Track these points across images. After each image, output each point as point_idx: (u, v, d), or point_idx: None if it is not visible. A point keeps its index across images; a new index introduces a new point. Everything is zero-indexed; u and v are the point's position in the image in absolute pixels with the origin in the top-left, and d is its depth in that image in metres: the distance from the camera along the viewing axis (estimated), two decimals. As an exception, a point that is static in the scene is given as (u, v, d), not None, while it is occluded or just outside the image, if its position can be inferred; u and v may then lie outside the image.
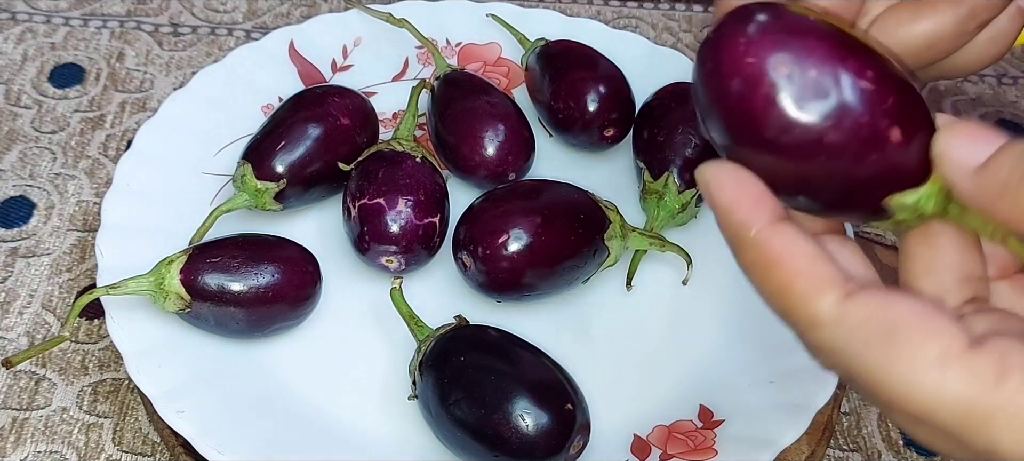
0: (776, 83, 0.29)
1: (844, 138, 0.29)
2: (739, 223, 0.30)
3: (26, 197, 0.55)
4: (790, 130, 0.29)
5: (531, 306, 0.48)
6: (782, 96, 0.29)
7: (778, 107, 0.29)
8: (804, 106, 0.29)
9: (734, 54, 0.29)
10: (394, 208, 0.47)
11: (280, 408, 0.44)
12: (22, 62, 0.62)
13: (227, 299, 0.44)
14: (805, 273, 0.29)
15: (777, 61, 0.29)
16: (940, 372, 0.27)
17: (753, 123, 0.29)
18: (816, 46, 0.29)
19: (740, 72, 0.29)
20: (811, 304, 0.29)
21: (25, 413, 0.47)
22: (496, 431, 0.41)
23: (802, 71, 0.29)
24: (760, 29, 0.29)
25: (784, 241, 0.30)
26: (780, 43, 0.29)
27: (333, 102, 0.51)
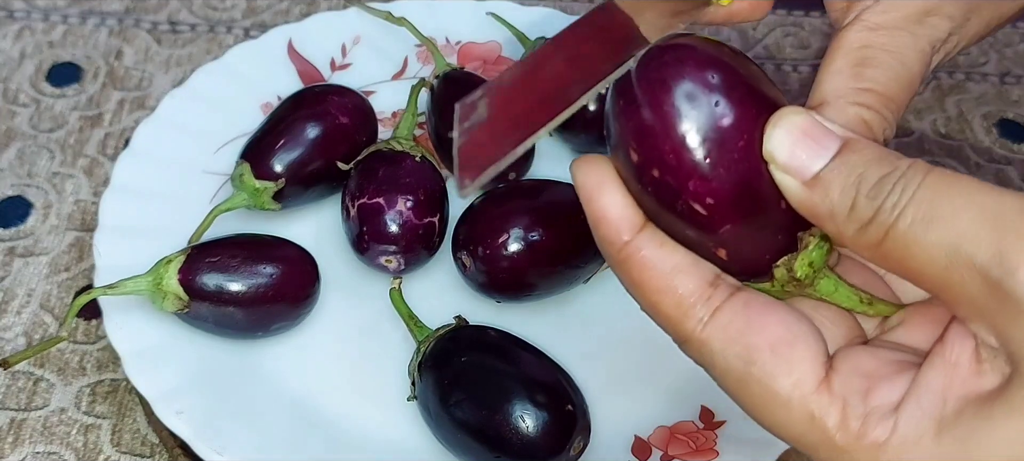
0: (682, 116, 0.28)
1: (735, 190, 0.28)
2: (603, 239, 0.30)
3: (24, 196, 0.55)
4: (678, 173, 0.28)
5: (531, 306, 0.48)
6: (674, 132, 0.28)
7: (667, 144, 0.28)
8: (703, 144, 0.28)
9: (639, 94, 0.29)
10: (393, 208, 0.46)
11: (278, 409, 0.44)
12: (20, 60, 0.62)
13: (226, 299, 0.44)
14: (668, 291, 0.29)
15: (673, 105, 0.28)
16: (787, 411, 0.28)
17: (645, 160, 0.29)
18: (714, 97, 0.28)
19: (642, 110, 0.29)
20: (678, 325, 0.30)
21: (23, 414, 0.47)
22: (496, 432, 0.41)
23: (712, 112, 0.28)
24: (665, 69, 0.29)
25: (643, 258, 0.29)
26: (695, 75, 0.28)
27: (332, 101, 0.50)
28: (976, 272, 0.25)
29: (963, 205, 0.26)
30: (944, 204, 0.26)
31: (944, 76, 0.67)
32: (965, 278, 0.26)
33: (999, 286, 0.25)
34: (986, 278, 0.25)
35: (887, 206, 0.26)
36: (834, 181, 0.27)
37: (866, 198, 0.27)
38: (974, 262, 0.25)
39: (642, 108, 0.29)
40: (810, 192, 0.28)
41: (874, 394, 0.28)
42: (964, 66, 0.67)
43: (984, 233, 0.25)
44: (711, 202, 0.28)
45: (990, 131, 0.63)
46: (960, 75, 0.67)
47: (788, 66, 0.66)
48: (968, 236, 0.25)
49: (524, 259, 0.46)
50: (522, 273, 0.46)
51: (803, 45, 0.67)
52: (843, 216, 0.27)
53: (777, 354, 0.28)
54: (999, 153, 0.62)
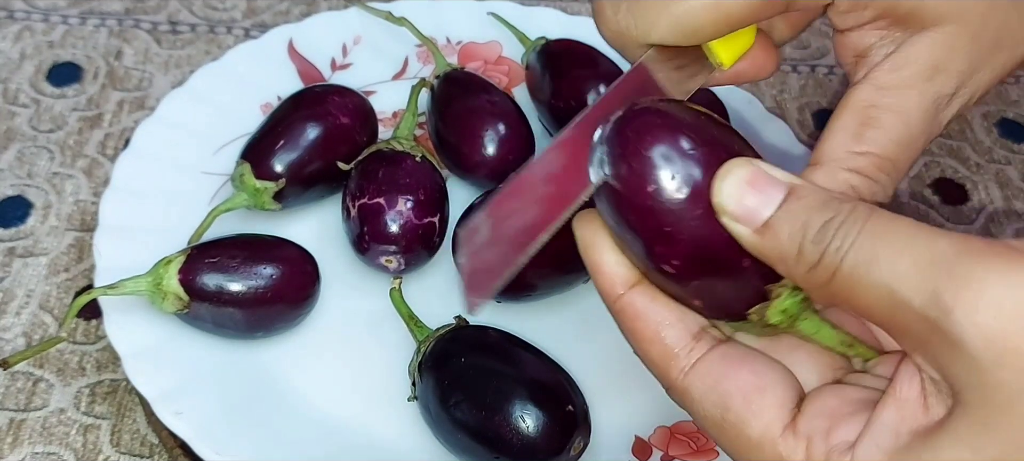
0: (645, 184, 0.30)
1: (696, 252, 0.30)
2: (601, 291, 0.33)
3: (23, 196, 0.55)
4: (659, 224, 0.30)
5: (531, 306, 0.48)
6: (653, 191, 0.30)
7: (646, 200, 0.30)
8: (664, 211, 0.30)
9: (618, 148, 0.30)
10: (394, 208, 0.46)
11: (278, 410, 0.44)
12: (20, 60, 0.62)
13: (226, 299, 0.44)
14: (656, 341, 0.32)
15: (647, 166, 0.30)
16: (759, 453, 0.30)
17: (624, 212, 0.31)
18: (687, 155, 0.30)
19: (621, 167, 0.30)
20: (663, 373, 0.32)
21: (23, 414, 0.46)
22: (497, 432, 0.41)
23: (670, 182, 0.30)
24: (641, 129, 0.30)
25: (635, 311, 0.32)
26: (654, 143, 0.30)
27: (332, 101, 0.50)
28: (914, 312, 0.27)
29: (903, 248, 0.27)
30: (882, 248, 0.27)
31: (944, 76, 0.67)
32: (905, 317, 0.27)
33: (937, 326, 0.26)
34: (924, 318, 0.27)
35: (831, 250, 0.28)
36: (782, 228, 0.29)
37: (811, 243, 0.28)
38: (912, 304, 0.27)
39: (608, 177, 0.30)
40: (761, 239, 0.29)
41: (835, 433, 0.29)
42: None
43: (921, 276, 0.27)
44: (677, 263, 0.31)
45: (990, 131, 0.63)
46: (960, 75, 0.67)
47: (787, 66, 0.66)
48: (907, 279, 0.27)
49: (524, 259, 0.46)
50: (522, 273, 0.46)
51: (802, 45, 0.67)
52: (792, 260, 0.29)
53: (748, 401, 0.31)
54: (999, 153, 0.62)
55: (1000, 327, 0.26)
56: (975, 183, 0.60)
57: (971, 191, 0.60)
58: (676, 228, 0.30)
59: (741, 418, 0.31)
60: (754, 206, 0.29)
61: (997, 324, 0.26)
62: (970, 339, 0.26)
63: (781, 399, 0.31)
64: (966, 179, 0.60)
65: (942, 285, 0.26)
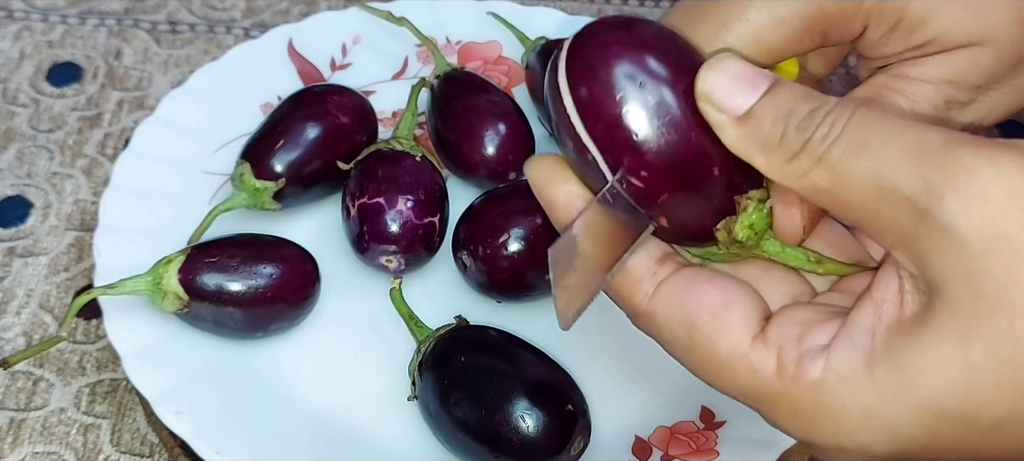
0: (612, 95, 0.30)
1: (666, 161, 0.30)
2: (557, 223, 0.33)
3: (23, 196, 0.55)
4: (619, 139, 0.30)
5: (531, 306, 0.48)
6: (617, 107, 0.30)
7: (609, 117, 0.30)
8: (633, 120, 0.30)
9: (580, 62, 0.30)
10: (394, 207, 0.46)
11: (278, 409, 0.44)
12: (19, 60, 0.62)
13: (225, 299, 0.44)
14: None
15: (614, 74, 0.30)
16: (730, 368, 0.30)
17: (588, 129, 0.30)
18: (656, 66, 0.30)
19: (583, 80, 0.30)
20: (627, 299, 0.32)
21: (23, 414, 0.46)
22: (497, 432, 0.41)
23: (638, 90, 0.30)
24: (603, 40, 0.30)
25: None
26: (619, 55, 0.30)
27: (332, 101, 0.50)
28: (903, 200, 0.26)
29: (891, 137, 0.27)
30: (873, 136, 0.27)
31: (944, 76, 0.67)
32: (893, 206, 0.27)
33: (926, 213, 0.26)
34: (913, 206, 0.26)
35: (817, 137, 0.28)
36: (765, 115, 0.29)
37: (795, 129, 0.28)
38: (902, 190, 0.26)
39: (572, 95, 0.30)
40: (742, 127, 0.29)
41: (807, 338, 0.29)
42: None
43: (912, 163, 0.26)
44: (645, 175, 0.30)
45: (990, 131, 0.63)
46: (960, 75, 0.67)
47: (788, 66, 0.66)
48: (897, 166, 0.27)
49: (524, 259, 0.46)
50: (522, 273, 0.46)
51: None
52: (773, 147, 0.28)
53: (714, 317, 0.30)
54: (999, 153, 0.62)
55: (990, 213, 0.25)
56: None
57: (971, 191, 0.60)
58: (644, 136, 0.30)
59: (708, 336, 0.30)
60: (738, 94, 0.29)
61: (987, 210, 0.26)
62: (961, 225, 0.26)
63: (748, 312, 0.30)
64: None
65: (933, 172, 0.26)
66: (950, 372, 0.27)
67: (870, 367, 0.28)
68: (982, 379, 0.26)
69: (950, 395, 0.27)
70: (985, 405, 0.27)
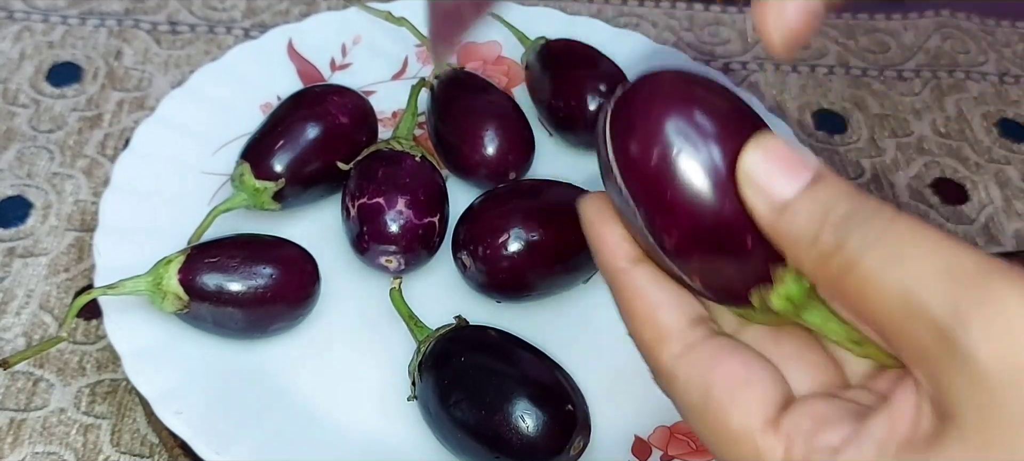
0: (649, 150, 0.29)
1: (696, 226, 0.30)
2: (602, 265, 0.33)
3: (23, 196, 0.55)
4: (663, 195, 0.30)
5: (531, 306, 0.48)
6: (664, 162, 0.29)
7: (656, 171, 0.29)
8: (667, 181, 0.29)
9: (632, 117, 0.30)
10: (393, 208, 0.46)
11: (278, 409, 0.44)
12: (20, 61, 0.62)
13: (225, 299, 0.44)
14: (649, 322, 0.32)
15: (666, 132, 0.29)
16: (737, 445, 0.30)
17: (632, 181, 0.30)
18: (706, 125, 0.29)
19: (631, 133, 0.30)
20: (653, 354, 0.32)
21: (23, 414, 0.46)
22: (496, 432, 0.40)
23: (676, 152, 0.29)
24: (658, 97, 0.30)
25: (635, 288, 0.32)
26: (663, 113, 0.29)
27: (332, 101, 0.50)
28: (930, 321, 0.26)
29: (926, 254, 0.27)
30: (909, 250, 0.27)
31: (944, 75, 0.67)
32: (918, 325, 0.26)
33: (949, 338, 0.26)
34: (938, 328, 0.26)
35: (852, 242, 0.27)
36: (802, 209, 0.28)
37: (831, 230, 0.28)
38: (930, 311, 0.26)
39: (613, 148, 0.30)
40: (778, 216, 0.29)
41: (818, 437, 0.29)
42: (964, 65, 0.67)
43: (943, 285, 0.26)
44: (676, 236, 0.30)
45: (990, 131, 0.63)
46: (960, 74, 0.67)
47: (787, 66, 0.66)
48: (928, 285, 0.26)
49: (524, 259, 0.46)
50: (522, 273, 0.46)
51: (803, 45, 0.67)
52: (806, 244, 0.28)
53: (732, 391, 0.30)
54: (999, 153, 0.62)
55: (1013, 346, 0.25)
56: (975, 183, 0.60)
57: (971, 191, 0.60)
58: (679, 199, 0.29)
59: (723, 408, 0.30)
60: (780, 181, 0.29)
61: (1010, 342, 0.25)
62: (982, 356, 0.25)
63: (767, 395, 0.30)
64: (966, 179, 0.60)
65: (963, 298, 0.26)
66: None
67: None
68: None
69: None
70: None
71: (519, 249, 0.46)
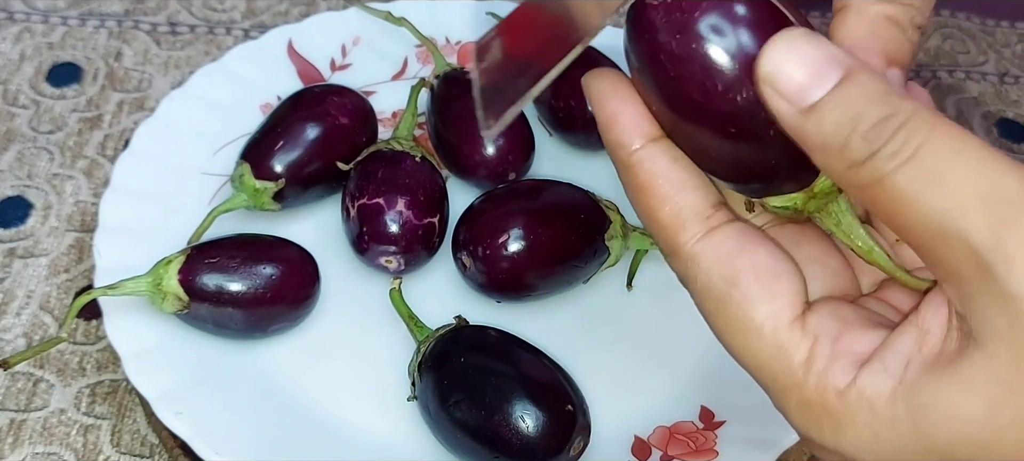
0: (690, 41, 0.28)
1: (731, 112, 0.28)
2: (615, 142, 0.30)
3: (23, 197, 0.55)
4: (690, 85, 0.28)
5: (531, 306, 0.48)
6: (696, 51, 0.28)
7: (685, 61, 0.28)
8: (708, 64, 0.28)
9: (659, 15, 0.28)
10: (393, 208, 0.46)
11: (278, 409, 0.44)
12: (20, 61, 0.62)
13: (225, 300, 0.44)
14: (670, 201, 0.30)
15: (698, 23, 0.28)
16: (758, 338, 0.28)
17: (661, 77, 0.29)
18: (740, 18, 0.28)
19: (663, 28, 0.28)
20: (671, 235, 0.30)
21: (23, 415, 0.46)
22: (496, 432, 0.41)
23: (718, 35, 0.28)
24: None
25: (654, 166, 0.30)
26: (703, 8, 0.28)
27: (332, 101, 0.50)
28: (968, 248, 0.25)
29: (965, 175, 0.25)
30: (949, 169, 0.25)
31: (944, 75, 0.67)
32: (953, 249, 0.25)
33: (988, 269, 0.24)
34: (977, 256, 0.25)
35: (885, 153, 0.25)
36: (829, 113, 0.26)
37: (862, 138, 0.26)
38: (968, 239, 0.25)
39: (666, 33, 0.28)
40: (804, 119, 0.26)
41: (844, 340, 0.28)
42: (964, 66, 0.67)
43: (983, 212, 0.24)
44: (704, 118, 0.29)
45: (990, 131, 0.63)
46: (960, 74, 0.67)
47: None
48: (966, 210, 0.25)
49: (524, 259, 0.46)
50: (522, 273, 0.46)
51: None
52: (834, 151, 0.26)
53: (760, 281, 0.29)
54: (999, 153, 0.62)
55: None
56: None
57: (971, 191, 0.60)
58: (709, 78, 0.28)
59: (748, 297, 0.28)
60: (803, 82, 0.26)
61: None
62: (1022, 293, 0.24)
63: (795, 288, 0.29)
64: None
65: (1006, 230, 0.24)
66: (971, 427, 0.25)
67: (894, 399, 0.27)
68: (1003, 444, 0.25)
69: (965, 448, 0.26)
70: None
71: (519, 249, 0.46)
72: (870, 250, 0.30)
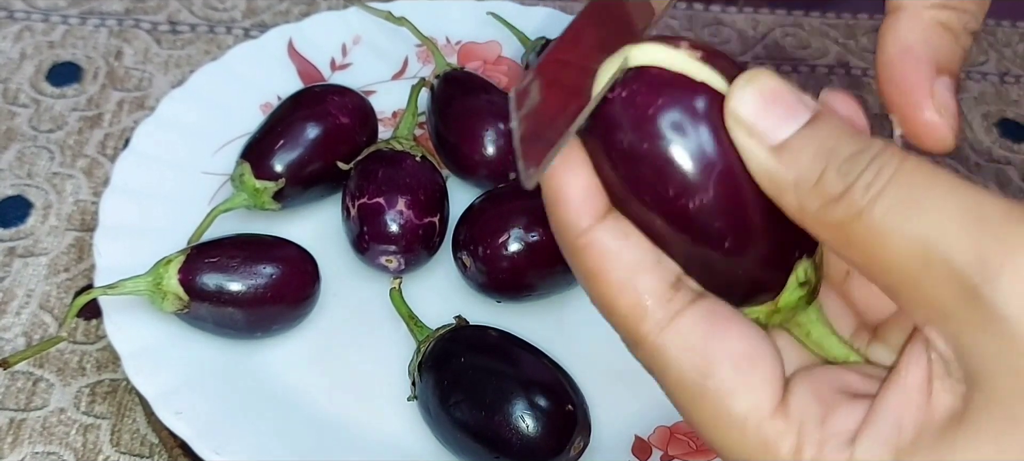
0: (657, 140, 0.26)
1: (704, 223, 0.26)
2: (562, 223, 0.28)
3: (24, 196, 0.55)
4: (663, 190, 0.26)
5: (531, 306, 0.48)
6: (663, 151, 0.26)
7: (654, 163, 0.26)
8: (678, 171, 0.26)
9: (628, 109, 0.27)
10: (393, 207, 0.46)
11: (278, 409, 0.44)
12: (20, 60, 0.62)
13: (225, 299, 0.44)
14: (627, 288, 0.27)
15: (662, 120, 0.26)
16: (741, 433, 0.26)
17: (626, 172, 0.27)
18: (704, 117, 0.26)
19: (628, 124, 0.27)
20: (633, 325, 0.28)
21: (23, 414, 0.46)
22: (496, 432, 0.40)
23: (685, 137, 0.26)
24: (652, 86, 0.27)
25: (606, 246, 0.27)
26: (668, 102, 0.26)
27: (332, 101, 0.50)
28: (952, 274, 0.24)
29: (944, 199, 0.24)
30: (925, 194, 0.24)
31: (944, 76, 0.67)
32: (937, 279, 0.24)
33: (974, 293, 0.23)
34: (961, 282, 0.23)
35: (860, 185, 0.24)
36: (803, 148, 0.25)
37: (836, 172, 0.25)
38: (951, 263, 0.23)
39: (629, 133, 0.27)
40: (776, 159, 0.25)
41: (831, 421, 0.26)
42: (964, 65, 0.67)
43: (967, 233, 0.23)
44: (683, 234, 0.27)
45: (990, 131, 0.63)
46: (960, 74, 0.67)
47: (787, 66, 0.66)
48: (950, 234, 0.24)
49: (524, 259, 0.46)
50: (522, 273, 0.46)
51: (803, 45, 0.67)
52: (808, 188, 0.25)
53: (737, 370, 0.27)
54: (999, 153, 0.62)
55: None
56: (975, 183, 0.60)
57: (971, 191, 0.60)
58: (704, 185, 0.26)
59: (726, 388, 0.26)
60: (774, 120, 0.25)
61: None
62: (1013, 312, 0.23)
63: (772, 373, 0.27)
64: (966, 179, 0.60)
65: (989, 247, 0.23)
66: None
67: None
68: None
69: None
70: None
71: (519, 249, 0.46)
72: (846, 356, 0.29)
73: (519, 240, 0.46)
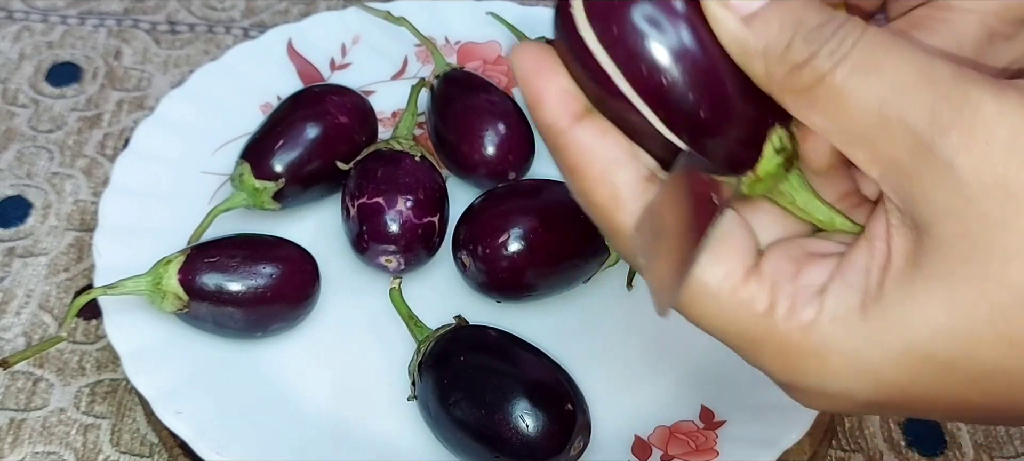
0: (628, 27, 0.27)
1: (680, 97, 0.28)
2: (543, 124, 0.30)
3: (23, 196, 0.55)
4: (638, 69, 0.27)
5: (531, 306, 0.48)
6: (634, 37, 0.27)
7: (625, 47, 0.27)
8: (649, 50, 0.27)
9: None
10: (393, 207, 0.46)
11: (278, 409, 0.44)
12: (19, 61, 0.62)
13: (225, 299, 0.44)
14: (604, 181, 0.29)
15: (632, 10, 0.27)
16: (716, 301, 0.28)
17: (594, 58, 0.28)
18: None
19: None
20: (609, 217, 0.29)
21: (22, 414, 0.46)
22: (496, 432, 0.41)
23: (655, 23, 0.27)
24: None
25: (584, 143, 0.29)
26: None
27: (332, 101, 0.50)
28: (906, 129, 0.26)
29: (901, 63, 0.26)
30: (883, 59, 0.26)
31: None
32: (893, 135, 0.26)
33: (926, 147, 0.25)
34: (915, 137, 0.25)
35: (824, 52, 0.26)
36: (772, 18, 0.27)
37: (802, 40, 0.27)
38: (906, 119, 0.26)
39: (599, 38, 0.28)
40: (746, 28, 0.27)
41: (802, 275, 0.28)
42: (963, 66, 0.67)
43: (920, 93, 0.26)
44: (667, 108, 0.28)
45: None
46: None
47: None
48: (905, 93, 0.26)
49: (524, 259, 0.46)
50: (522, 273, 0.46)
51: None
52: (776, 55, 0.27)
53: (708, 247, 0.28)
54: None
55: (991, 154, 0.25)
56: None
57: (970, 191, 0.60)
58: (680, 73, 0.27)
59: (699, 264, 0.28)
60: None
61: (988, 151, 0.25)
62: (960, 164, 0.25)
63: (744, 244, 0.29)
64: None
65: (941, 105, 0.25)
66: (938, 317, 0.26)
67: (863, 309, 0.27)
68: (971, 327, 0.26)
69: (936, 340, 0.26)
70: (973, 353, 0.26)
71: (519, 249, 0.46)
72: (831, 220, 0.30)
73: (519, 240, 0.46)
